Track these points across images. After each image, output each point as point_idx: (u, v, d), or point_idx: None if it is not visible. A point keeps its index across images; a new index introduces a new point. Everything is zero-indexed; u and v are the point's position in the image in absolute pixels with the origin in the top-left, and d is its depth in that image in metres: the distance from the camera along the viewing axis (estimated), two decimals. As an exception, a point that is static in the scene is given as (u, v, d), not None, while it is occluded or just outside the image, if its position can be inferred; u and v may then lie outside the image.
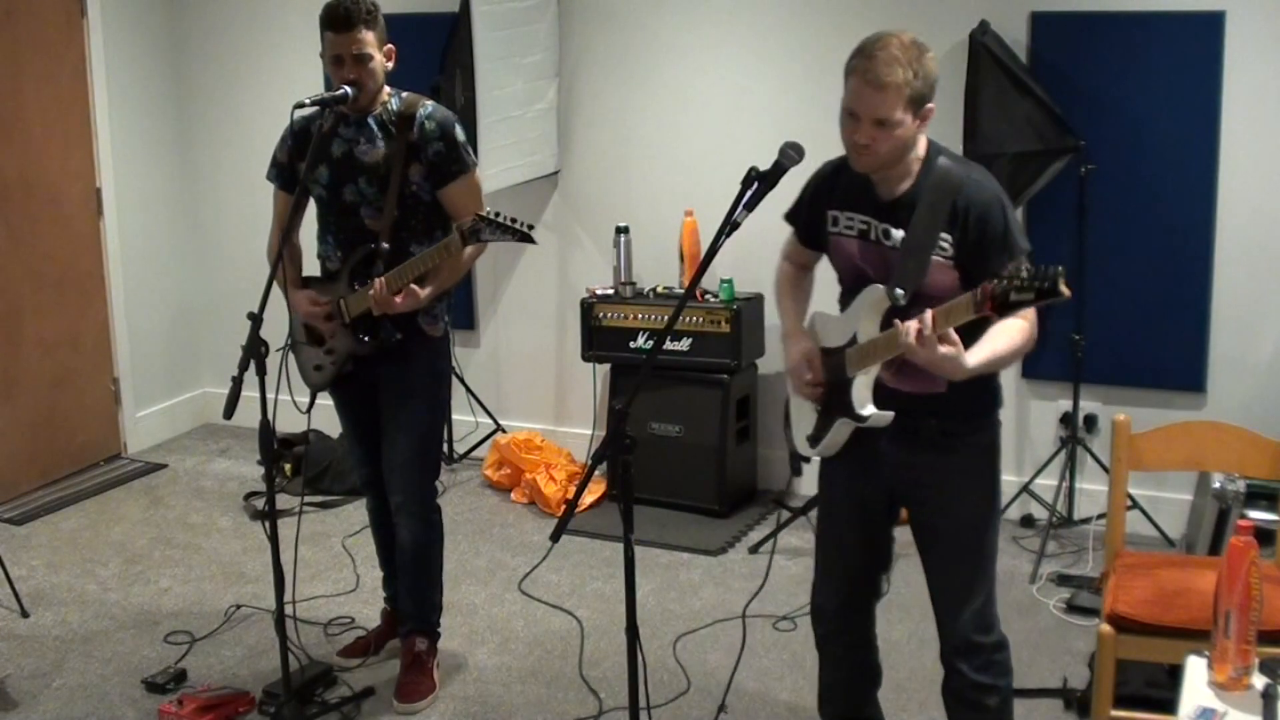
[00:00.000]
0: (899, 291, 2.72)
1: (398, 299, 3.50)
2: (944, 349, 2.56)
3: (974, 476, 2.90)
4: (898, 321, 2.65)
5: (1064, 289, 2.39)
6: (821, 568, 3.15)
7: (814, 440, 2.96)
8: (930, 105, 2.71)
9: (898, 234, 2.77)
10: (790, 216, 3.06)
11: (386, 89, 3.60)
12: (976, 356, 2.62)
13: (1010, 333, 2.68)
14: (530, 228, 3.37)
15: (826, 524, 3.13)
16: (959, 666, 2.95)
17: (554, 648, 4.10)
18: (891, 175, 2.78)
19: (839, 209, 2.89)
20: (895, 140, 2.69)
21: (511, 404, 5.81)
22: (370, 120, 3.57)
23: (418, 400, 3.72)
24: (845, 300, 2.94)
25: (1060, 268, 2.41)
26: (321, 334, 3.68)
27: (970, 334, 2.63)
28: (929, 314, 2.57)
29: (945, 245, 2.72)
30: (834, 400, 2.88)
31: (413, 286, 3.49)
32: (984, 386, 2.84)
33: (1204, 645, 2.39)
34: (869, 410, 2.80)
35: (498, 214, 3.34)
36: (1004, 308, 2.47)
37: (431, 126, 3.54)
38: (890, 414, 2.79)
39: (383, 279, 3.50)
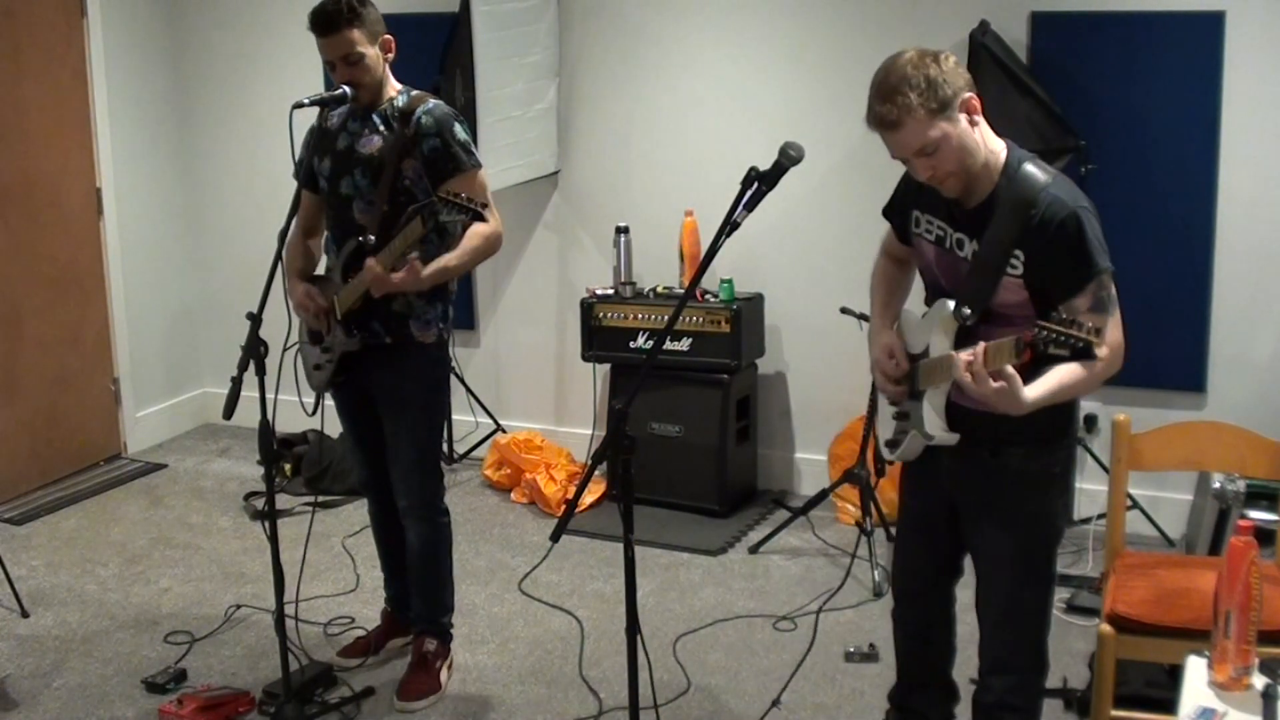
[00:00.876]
0: (966, 311, 2.67)
1: (395, 276, 3.44)
2: (996, 384, 2.50)
3: (1023, 503, 2.82)
4: (951, 353, 2.62)
5: (1099, 353, 2.36)
6: (894, 559, 3.20)
7: (891, 446, 2.96)
8: (966, 97, 2.59)
9: (970, 246, 2.70)
10: (886, 212, 3.01)
11: (396, 85, 3.60)
12: (1036, 391, 2.54)
13: (1082, 364, 2.58)
14: (484, 205, 3.36)
15: (900, 519, 3.18)
16: (989, 681, 2.96)
17: (554, 648, 4.10)
18: (972, 182, 2.68)
19: (921, 210, 2.84)
20: (952, 153, 2.60)
21: (511, 404, 5.81)
22: (375, 115, 3.57)
23: (415, 409, 3.71)
24: (929, 300, 2.90)
25: (1099, 331, 2.36)
26: (321, 333, 3.68)
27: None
28: (981, 347, 2.52)
29: (1016, 264, 2.64)
30: (910, 410, 2.87)
31: (415, 263, 3.42)
32: (1048, 412, 2.67)
33: (1204, 645, 2.39)
34: (936, 430, 2.78)
35: (456, 195, 3.30)
36: (1042, 359, 2.42)
37: (428, 122, 3.52)
38: (955, 437, 2.76)
39: (374, 258, 3.45)
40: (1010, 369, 2.49)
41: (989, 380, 2.51)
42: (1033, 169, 2.66)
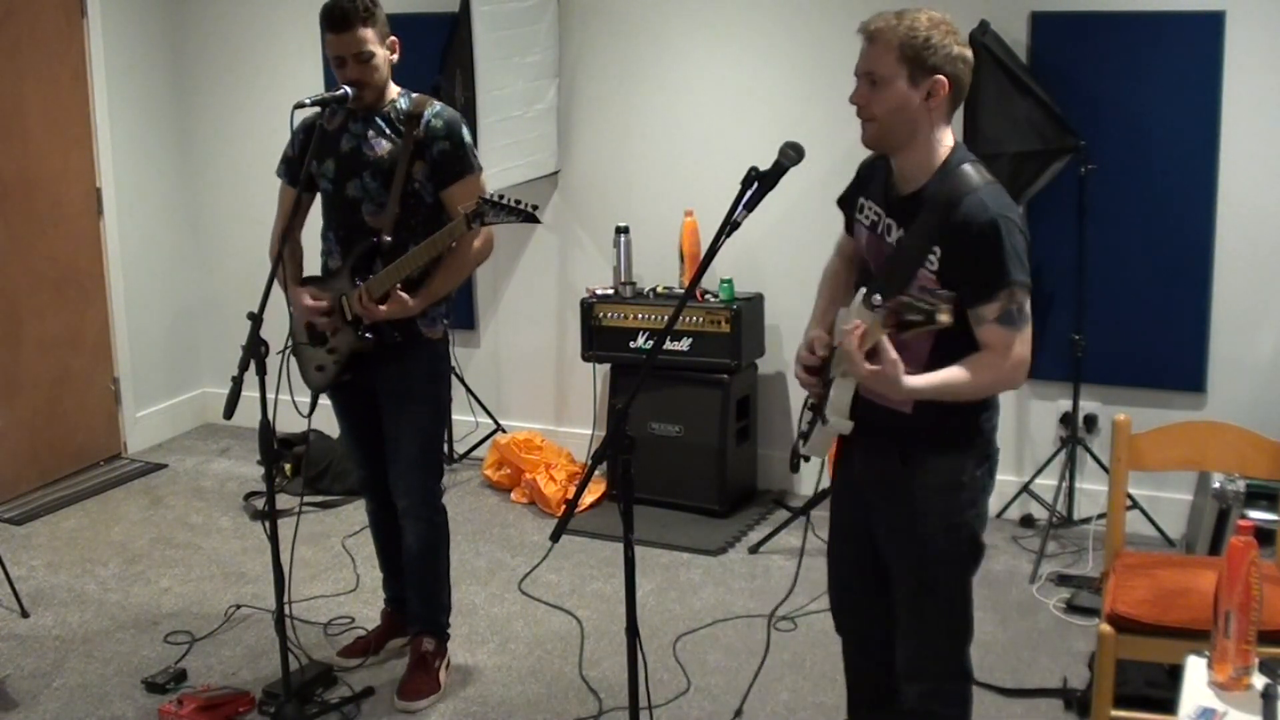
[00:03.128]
0: (877, 299, 2.60)
1: (382, 307, 3.50)
2: (871, 365, 2.47)
3: (927, 514, 2.72)
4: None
5: (942, 318, 2.31)
6: (827, 572, 3.13)
7: (804, 437, 2.92)
8: (939, 78, 2.56)
9: (897, 234, 2.70)
10: (839, 202, 3.00)
11: (396, 88, 3.61)
12: (920, 379, 2.52)
13: (978, 363, 2.55)
14: (535, 207, 3.38)
15: (829, 530, 3.10)
16: (904, 688, 2.89)
17: (554, 648, 4.10)
18: (907, 167, 2.66)
19: (866, 197, 2.84)
20: (887, 103, 2.57)
21: (511, 404, 5.81)
22: (378, 117, 3.57)
23: (418, 404, 3.72)
24: (857, 287, 2.86)
25: (951, 297, 2.33)
26: (324, 333, 3.68)
27: (952, 357, 2.56)
28: (859, 325, 2.50)
29: (933, 260, 2.59)
30: (823, 399, 2.84)
31: (401, 294, 3.49)
32: (953, 417, 2.66)
33: (1204, 645, 2.39)
34: (832, 415, 2.71)
35: (501, 196, 3.34)
36: (901, 327, 2.37)
37: (438, 125, 3.54)
38: (849, 424, 2.68)
39: (363, 286, 3.50)
40: (891, 352, 2.46)
41: (863, 360, 2.47)
42: (969, 170, 2.62)
